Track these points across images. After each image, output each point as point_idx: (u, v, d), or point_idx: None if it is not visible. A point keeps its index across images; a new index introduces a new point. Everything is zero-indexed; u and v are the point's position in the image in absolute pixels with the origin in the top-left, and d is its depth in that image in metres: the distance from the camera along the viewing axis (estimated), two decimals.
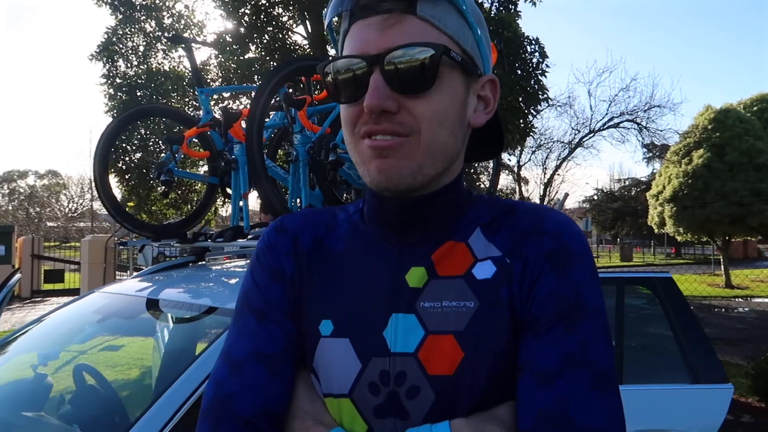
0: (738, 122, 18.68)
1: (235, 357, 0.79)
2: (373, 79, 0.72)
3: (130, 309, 2.51)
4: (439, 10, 0.75)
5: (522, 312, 0.75)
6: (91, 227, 32.42)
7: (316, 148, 2.22)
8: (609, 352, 0.73)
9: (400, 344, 0.76)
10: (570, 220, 0.81)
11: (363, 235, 0.85)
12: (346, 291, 0.81)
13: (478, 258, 0.79)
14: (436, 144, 0.76)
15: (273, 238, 0.89)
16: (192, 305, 2.28)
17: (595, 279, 0.77)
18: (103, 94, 10.60)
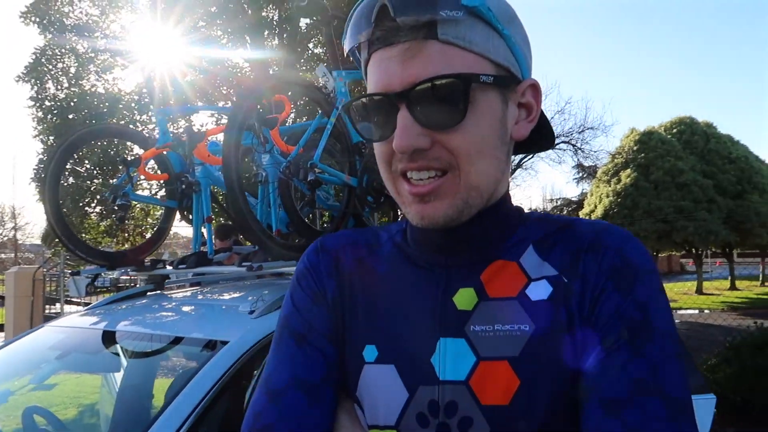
0: (660, 143, 19.89)
1: (274, 385, 0.74)
2: (401, 118, 0.68)
3: (86, 343, 2.34)
4: (462, 28, 0.68)
5: (583, 334, 0.69)
6: (14, 258, 30.43)
7: (293, 168, 2.15)
8: (683, 377, 0.66)
9: (449, 371, 0.70)
10: (631, 234, 0.76)
11: (407, 256, 0.81)
12: (390, 314, 0.77)
13: (531, 278, 0.73)
14: (478, 175, 0.71)
15: (314, 259, 0.84)
16: (154, 336, 2.14)
17: (663, 297, 0.71)
18: (32, 117, 10.05)
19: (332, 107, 2.39)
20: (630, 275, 0.70)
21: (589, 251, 0.72)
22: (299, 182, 2.33)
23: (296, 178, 2.19)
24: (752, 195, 20.60)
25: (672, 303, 18.83)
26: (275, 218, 2.53)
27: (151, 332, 2.17)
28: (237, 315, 2.04)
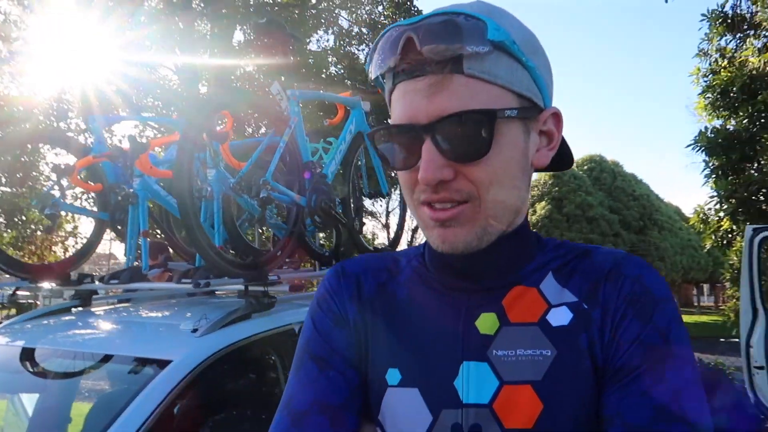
0: (573, 179, 21.09)
1: (297, 408, 0.75)
2: (426, 150, 0.69)
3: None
4: (488, 62, 0.69)
5: (604, 360, 0.70)
6: None
7: (244, 184, 2.12)
8: (704, 404, 0.67)
9: (473, 395, 0.71)
10: (648, 263, 0.77)
11: (427, 281, 0.82)
12: (413, 338, 0.77)
13: (552, 304, 0.74)
14: (499, 204, 0.72)
15: (335, 284, 0.85)
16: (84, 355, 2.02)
17: (681, 324, 0.71)
18: None
19: (285, 125, 2.38)
20: (650, 303, 0.71)
21: (608, 280, 0.74)
22: (248, 199, 2.29)
23: (247, 194, 2.15)
24: (653, 231, 22.28)
25: None
26: (218, 235, 2.47)
27: (80, 350, 2.04)
28: (178, 333, 1.97)
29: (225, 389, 2.14)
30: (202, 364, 1.77)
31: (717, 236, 6.20)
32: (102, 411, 1.93)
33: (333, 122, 3.13)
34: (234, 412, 2.17)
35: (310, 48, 11.77)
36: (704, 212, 6.41)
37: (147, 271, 2.58)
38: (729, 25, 6.34)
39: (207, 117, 2.03)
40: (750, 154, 5.73)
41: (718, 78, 5.84)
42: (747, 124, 5.75)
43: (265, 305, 2.13)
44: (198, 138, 2.02)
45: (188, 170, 1.91)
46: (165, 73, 10.91)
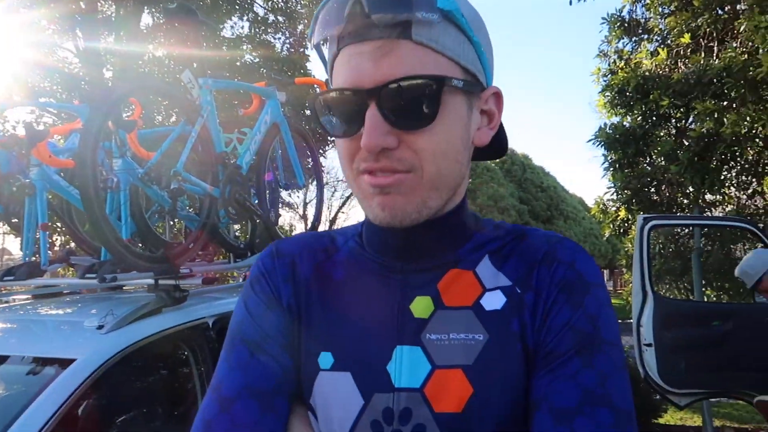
0: (485, 171, 21.83)
1: (226, 393, 0.73)
2: (370, 116, 0.67)
3: None
4: (436, 30, 0.67)
5: (535, 344, 0.71)
6: None
7: (154, 175, 2.04)
8: (628, 388, 0.68)
9: (405, 379, 0.71)
10: (582, 247, 0.77)
11: (364, 262, 0.80)
12: (347, 321, 0.76)
13: (486, 288, 0.74)
14: (440, 177, 0.71)
15: (269, 264, 0.82)
16: None
17: (611, 310, 0.73)
18: None
19: (197, 114, 2.31)
20: (581, 288, 0.72)
21: (542, 264, 0.74)
22: (158, 190, 2.21)
23: (156, 185, 2.08)
24: (559, 220, 23.56)
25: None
26: (126, 227, 2.37)
27: None
28: (82, 330, 1.88)
29: (134, 387, 2.06)
30: (109, 362, 1.71)
31: (615, 225, 6.65)
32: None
33: (248, 112, 3.07)
34: (145, 410, 2.10)
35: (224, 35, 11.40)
36: (603, 203, 6.86)
37: (46, 266, 2.44)
38: (626, 29, 6.79)
39: (113, 104, 1.94)
40: (643, 149, 6.18)
41: (616, 78, 6.23)
42: (641, 122, 6.18)
43: (176, 299, 2.08)
44: (103, 126, 1.92)
45: (92, 160, 1.82)
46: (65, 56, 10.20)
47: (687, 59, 5.83)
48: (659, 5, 6.23)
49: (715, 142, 5.09)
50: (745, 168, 5.84)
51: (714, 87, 5.26)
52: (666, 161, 5.55)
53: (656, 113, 5.89)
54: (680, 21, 5.73)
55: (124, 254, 1.95)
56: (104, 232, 1.85)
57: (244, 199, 2.50)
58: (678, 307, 3.96)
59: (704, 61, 5.51)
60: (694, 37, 5.80)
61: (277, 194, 3.33)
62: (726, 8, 5.68)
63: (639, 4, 6.77)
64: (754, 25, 4.38)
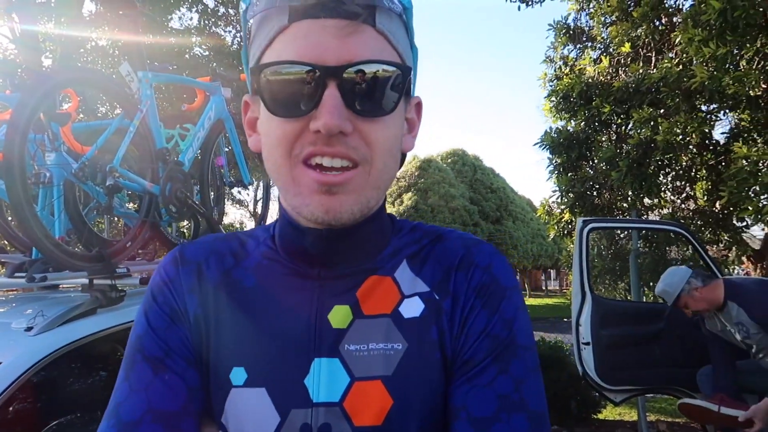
0: (437, 171, 22.10)
1: (127, 417, 0.67)
2: (331, 95, 0.62)
3: None
4: (393, 25, 0.67)
5: (453, 352, 0.70)
6: None
7: (89, 171, 1.97)
8: (542, 390, 0.69)
9: (323, 393, 0.67)
10: (497, 251, 0.77)
11: (278, 268, 0.75)
12: (260, 333, 0.71)
13: (405, 294, 0.72)
14: (384, 174, 0.69)
15: (172, 272, 0.76)
16: None
17: (525, 313, 0.73)
18: None
19: (136, 109, 2.24)
20: (497, 293, 0.71)
21: (459, 269, 0.73)
22: (94, 186, 2.13)
23: (92, 181, 2.00)
24: (508, 221, 24.05)
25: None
26: (59, 224, 2.28)
27: None
28: (10, 332, 1.79)
29: (65, 391, 1.99)
30: (37, 365, 1.64)
31: (559, 227, 6.84)
32: None
33: (191, 108, 3.00)
34: (77, 415, 2.03)
35: (171, 26, 11.09)
36: (549, 205, 7.05)
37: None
38: (571, 36, 7.01)
39: (45, 94, 1.85)
40: (586, 153, 6.39)
41: (561, 84, 6.41)
42: (584, 127, 6.39)
43: (112, 299, 2.01)
44: (33, 117, 1.84)
45: (20, 152, 1.74)
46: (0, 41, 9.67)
47: (627, 68, 6.06)
48: (602, 14, 6.45)
49: (652, 149, 5.31)
50: (680, 174, 6.12)
51: (651, 96, 5.49)
52: (607, 167, 5.75)
53: (598, 119, 6.09)
54: (621, 31, 5.95)
55: (54, 252, 1.87)
56: (33, 229, 1.77)
57: (185, 196, 2.45)
58: (615, 307, 4.11)
59: (643, 70, 5.74)
60: (634, 46, 6.04)
61: (222, 192, 3.27)
62: (663, 20, 5.94)
63: (583, 13, 6.99)
64: (688, 38, 4.59)
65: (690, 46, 4.57)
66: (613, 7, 6.06)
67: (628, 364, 3.86)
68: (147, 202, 2.36)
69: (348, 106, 0.63)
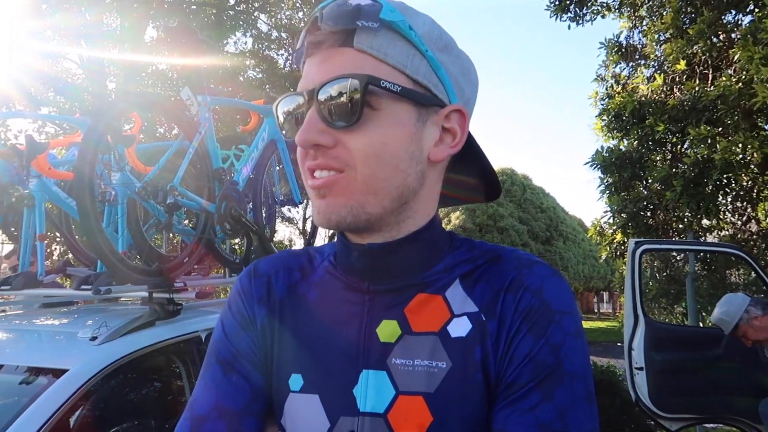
0: None
1: (198, 412, 0.74)
2: (308, 114, 0.71)
3: None
4: (380, 40, 0.70)
5: (496, 374, 0.70)
6: None
7: (151, 189, 2.08)
8: (591, 421, 0.67)
9: (369, 403, 0.71)
10: (555, 272, 0.75)
11: (335, 282, 0.80)
12: (316, 343, 0.76)
13: (454, 313, 0.74)
14: (377, 180, 0.70)
15: (246, 284, 0.83)
16: None
17: (579, 340, 0.70)
18: None
19: (195, 131, 2.36)
20: (545, 317, 0.70)
21: (509, 291, 0.73)
22: (155, 205, 2.25)
23: (153, 199, 2.12)
24: (558, 241, 23.56)
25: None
26: (122, 240, 2.41)
27: None
28: (76, 341, 1.90)
29: (126, 399, 2.08)
30: (101, 373, 1.73)
31: (611, 248, 6.67)
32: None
33: (246, 129, 3.12)
34: (136, 423, 2.12)
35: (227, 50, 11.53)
36: (600, 225, 6.89)
37: (43, 277, 2.47)
38: (623, 54, 6.90)
39: (113, 118, 1.98)
40: (639, 173, 6.23)
41: (613, 102, 6.30)
42: (637, 146, 6.24)
43: (169, 312, 2.10)
44: (102, 139, 1.97)
45: (90, 173, 1.86)
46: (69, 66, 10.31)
47: (682, 85, 5.90)
48: (656, 32, 6.33)
49: (709, 168, 5.14)
50: (740, 194, 5.89)
51: (708, 114, 5.33)
52: (661, 186, 5.59)
53: (652, 138, 5.94)
54: (676, 48, 5.81)
55: (118, 267, 1.98)
56: (99, 245, 1.89)
57: (239, 214, 2.54)
58: (669, 331, 3.97)
59: (699, 87, 5.59)
60: (690, 63, 5.88)
61: (273, 210, 3.37)
62: (721, 36, 5.77)
63: (636, 30, 6.88)
64: (748, 55, 4.45)
65: (750, 64, 4.43)
66: (668, 24, 5.94)
67: (684, 391, 3.71)
68: (203, 219, 2.46)
69: (323, 120, 0.70)
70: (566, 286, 0.74)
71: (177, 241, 3.91)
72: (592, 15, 6.96)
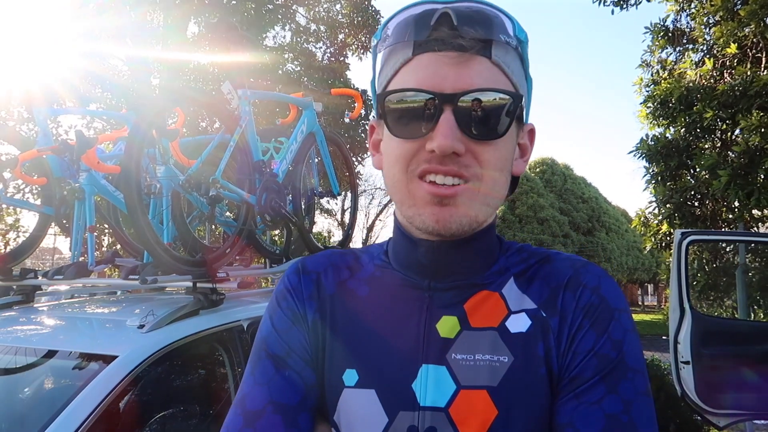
0: (525, 181, 21.59)
1: (251, 407, 0.74)
2: (446, 119, 0.68)
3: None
4: (509, 57, 0.72)
5: (559, 369, 0.71)
6: None
7: (194, 182, 2.14)
8: (653, 414, 0.69)
9: (430, 398, 0.71)
10: (606, 272, 0.78)
11: (390, 279, 0.81)
12: (372, 338, 0.76)
13: (512, 310, 0.75)
14: (495, 192, 0.73)
15: (294, 281, 0.84)
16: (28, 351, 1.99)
17: (636, 336, 0.73)
18: None
19: (236, 124, 2.40)
20: (606, 314, 0.72)
21: (567, 288, 0.75)
22: (198, 197, 2.31)
23: (196, 192, 2.17)
24: (600, 232, 23.06)
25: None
26: (167, 231, 2.47)
27: (22, 346, 2.02)
28: (125, 329, 1.97)
29: (172, 385, 2.15)
30: (148, 360, 1.79)
31: (656, 239, 6.49)
32: (44, 407, 1.92)
33: (285, 122, 3.16)
34: (181, 408, 2.19)
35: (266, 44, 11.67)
36: (645, 216, 6.71)
37: (93, 267, 2.56)
38: (670, 38, 6.66)
39: (157, 113, 2.04)
40: (686, 162, 6.03)
41: (659, 89, 6.11)
42: (684, 134, 6.04)
43: (213, 302, 2.16)
44: (147, 134, 2.03)
45: (136, 166, 1.92)
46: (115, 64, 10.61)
47: (733, 70, 5.67)
48: (704, 15, 6.09)
49: (762, 156, 4.93)
50: None
51: (761, 100, 5.10)
52: (710, 175, 5.40)
53: (700, 125, 5.73)
54: (726, 31, 5.58)
55: (164, 257, 2.04)
56: (146, 236, 1.95)
57: (279, 206, 2.58)
58: (718, 324, 3.85)
59: (751, 72, 5.36)
60: (741, 47, 5.64)
61: (312, 202, 3.41)
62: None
63: (684, 14, 6.63)
64: None
65: None
66: (717, 6, 5.71)
67: (733, 386, 3.60)
68: (245, 211, 2.51)
69: (462, 129, 0.69)
70: (618, 286, 0.77)
71: (219, 233, 4.00)
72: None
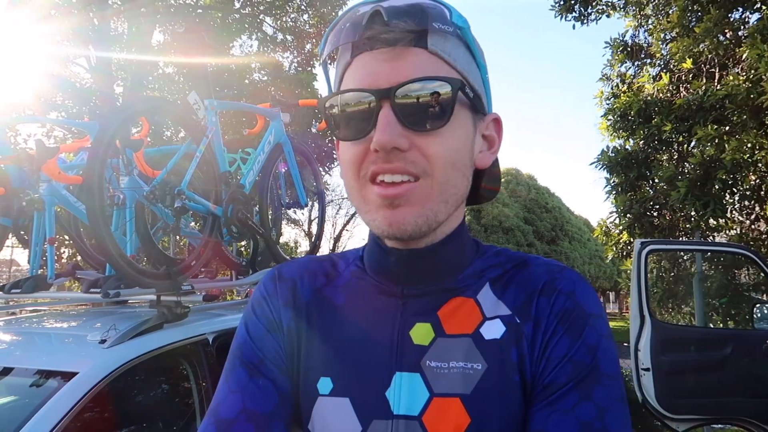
0: None
1: (224, 415, 0.73)
2: (384, 115, 0.66)
3: None
4: (449, 45, 0.69)
5: (533, 376, 0.70)
6: None
7: (159, 193, 2.10)
8: (628, 421, 0.68)
9: (403, 406, 0.70)
10: (582, 277, 0.77)
11: (364, 286, 0.80)
12: (346, 346, 0.75)
13: (487, 317, 0.74)
14: (449, 187, 0.70)
15: (270, 288, 0.83)
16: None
17: (611, 342, 0.72)
18: None
19: (202, 134, 2.38)
20: (580, 319, 0.71)
21: (542, 294, 0.73)
22: (162, 208, 2.27)
23: (161, 203, 2.14)
24: (564, 241, 23.52)
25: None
26: (131, 243, 2.43)
27: None
28: (85, 344, 1.92)
29: (135, 402, 2.10)
30: (110, 376, 1.75)
31: (617, 248, 6.66)
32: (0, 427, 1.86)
33: (252, 132, 3.14)
34: (144, 426, 2.14)
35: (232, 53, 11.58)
36: (606, 226, 6.88)
37: (53, 280, 2.49)
38: (629, 53, 6.89)
39: (121, 123, 2.00)
40: (646, 173, 6.23)
41: (618, 102, 6.30)
42: (643, 146, 6.24)
43: (177, 315, 2.12)
44: (111, 144, 1.99)
45: (99, 177, 1.88)
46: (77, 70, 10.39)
47: (689, 84, 5.89)
48: (661, 31, 6.32)
49: (716, 168, 5.12)
50: (747, 194, 5.86)
51: (716, 113, 5.31)
52: (668, 186, 5.58)
53: (658, 138, 5.93)
54: (682, 47, 5.80)
55: (126, 270, 2.00)
56: (109, 248, 1.91)
57: (246, 217, 2.56)
58: (676, 331, 3.96)
59: (706, 86, 5.57)
60: (696, 62, 5.87)
61: (279, 212, 3.38)
62: (728, 34, 5.75)
63: (642, 29, 6.87)
64: (756, 54, 4.44)
65: (759, 62, 4.41)
66: (674, 23, 5.93)
67: (691, 392, 3.70)
68: (210, 222, 2.48)
69: (402, 123, 0.67)
70: (594, 291, 0.75)
71: (184, 244, 3.93)
72: (597, 14, 6.97)
